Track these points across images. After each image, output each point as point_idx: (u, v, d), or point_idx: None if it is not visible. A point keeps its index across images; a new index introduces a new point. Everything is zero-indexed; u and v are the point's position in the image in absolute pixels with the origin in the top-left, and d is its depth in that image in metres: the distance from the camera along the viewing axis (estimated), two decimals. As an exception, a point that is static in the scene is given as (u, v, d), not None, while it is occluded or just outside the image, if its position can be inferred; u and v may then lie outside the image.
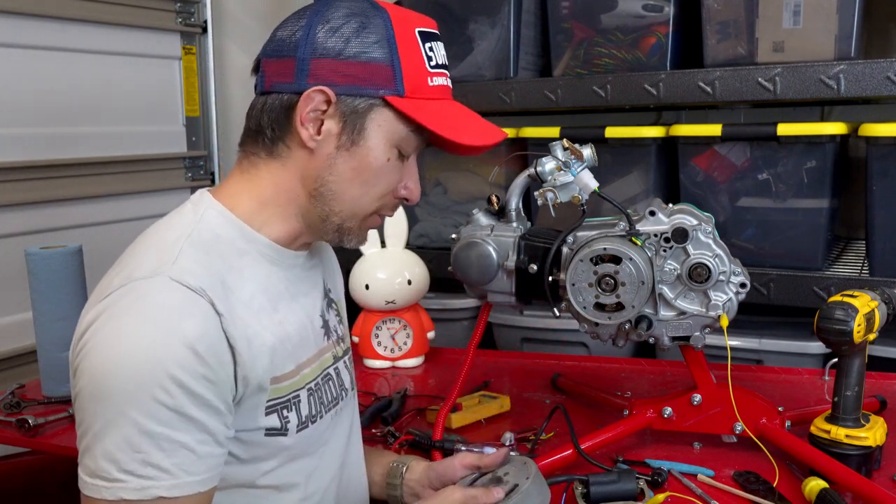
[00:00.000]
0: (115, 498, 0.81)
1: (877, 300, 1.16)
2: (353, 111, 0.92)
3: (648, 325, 1.17)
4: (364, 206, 0.98)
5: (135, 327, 0.82)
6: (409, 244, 1.85)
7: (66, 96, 2.15)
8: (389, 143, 0.95)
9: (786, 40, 1.70)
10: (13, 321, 2.01)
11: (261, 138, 0.96)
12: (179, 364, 0.81)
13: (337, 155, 0.93)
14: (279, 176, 0.96)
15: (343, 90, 0.91)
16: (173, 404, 0.81)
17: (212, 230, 0.93)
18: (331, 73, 0.91)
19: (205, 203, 0.96)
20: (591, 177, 1.18)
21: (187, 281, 0.85)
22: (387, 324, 1.77)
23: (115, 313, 0.84)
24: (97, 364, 0.82)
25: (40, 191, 2.08)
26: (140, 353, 0.81)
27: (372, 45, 0.91)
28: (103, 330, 0.83)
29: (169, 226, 0.94)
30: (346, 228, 0.98)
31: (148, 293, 0.84)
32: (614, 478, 1.10)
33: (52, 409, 1.48)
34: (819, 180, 1.69)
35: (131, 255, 0.91)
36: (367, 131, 0.93)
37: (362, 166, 0.94)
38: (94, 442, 0.81)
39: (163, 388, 0.81)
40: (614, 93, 1.84)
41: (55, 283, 1.52)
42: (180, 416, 0.82)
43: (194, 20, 2.50)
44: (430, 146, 1.01)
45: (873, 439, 1.13)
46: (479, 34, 1.99)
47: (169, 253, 0.88)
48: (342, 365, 1.10)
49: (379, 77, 0.92)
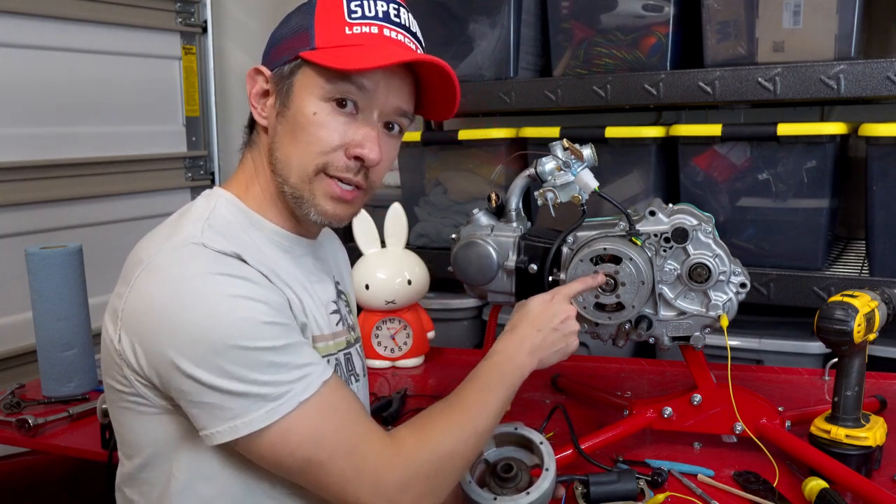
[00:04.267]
0: (294, 405, 0.86)
1: (877, 300, 1.16)
2: (282, 78, 0.97)
3: (648, 325, 1.17)
4: (305, 166, 0.96)
5: (187, 279, 0.86)
6: (409, 244, 1.85)
7: (67, 96, 2.15)
8: (314, 97, 0.95)
9: (786, 40, 1.70)
10: (13, 321, 2.01)
11: (247, 131, 1.05)
12: (248, 290, 0.87)
13: (277, 123, 0.98)
14: (257, 161, 1.02)
15: (276, 64, 0.98)
16: (273, 319, 0.87)
17: (224, 217, 0.96)
18: (276, 55, 0.99)
19: (216, 194, 1.01)
20: (592, 177, 1.18)
21: (223, 248, 0.90)
22: (387, 324, 1.77)
23: (167, 270, 0.87)
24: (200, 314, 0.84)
25: (40, 191, 2.08)
26: (212, 294, 0.85)
27: (296, 19, 0.98)
28: (155, 295, 0.86)
29: (182, 217, 0.97)
30: (299, 198, 0.97)
31: (189, 255, 0.88)
32: (614, 478, 1.10)
33: (52, 409, 1.48)
34: (819, 180, 1.69)
35: (145, 243, 0.94)
36: (293, 92, 0.96)
37: (295, 127, 0.96)
38: (233, 380, 0.84)
39: (255, 310, 0.86)
40: (614, 93, 1.83)
41: (55, 283, 1.51)
42: (283, 326, 0.88)
43: (194, 20, 2.50)
44: None
45: (873, 439, 1.13)
46: (479, 34, 1.99)
47: (192, 231, 0.91)
48: (354, 352, 1.12)
49: (298, 41, 0.96)
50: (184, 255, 0.88)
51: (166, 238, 0.92)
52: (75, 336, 1.53)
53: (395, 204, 1.80)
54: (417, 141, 2.03)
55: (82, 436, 1.40)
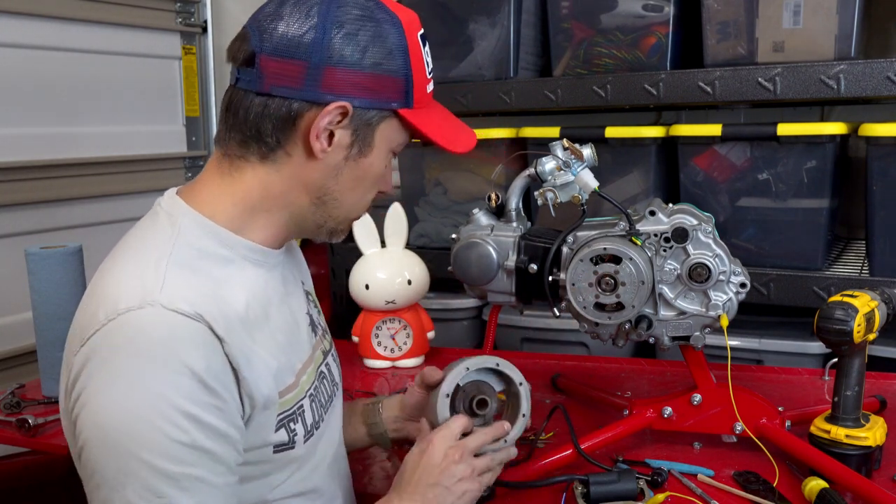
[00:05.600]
0: None
1: (877, 300, 1.16)
2: (366, 123, 0.91)
3: (648, 325, 1.17)
4: (358, 211, 0.99)
5: (135, 367, 0.78)
6: (409, 244, 1.85)
7: (67, 96, 2.15)
8: (389, 150, 0.96)
9: (786, 40, 1.70)
10: (13, 321, 2.01)
11: (255, 144, 0.90)
12: (188, 397, 0.78)
13: (344, 165, 0.92)
14: (270, 181, 0.91)
15: (359, 103, 0.89)
16: (188, 440, 0.78)
17: (192, 245, 0.88)
18: (346, 84, 0.88)
19: (179, 211, 0.90)
20: (592, 176, 1.18)
21: (181, 308, 0.80)
22: (387, 324, 1.77)
23: (109, 355, 0.79)
24: (101, 413, 0.78)
25: (40, 191, 2.08)
26: (146, 394, 0.77)
27: (387, 57, 0.89)
28: (100, 374, 0.79)
29: (145, 242, 0.88)
30: (338, 231, 0.99)
31: (142, 327, 0.79)
32: (614, 478, 1.10)
33: (52, 409, 1.48)
34: (819, 180, 1.69)
35: (109, 277, 0.85)
36: (374, 142, 0.93)
37: (364, 175, 0.94)
38: (112, 494, 0.78)
39: (175, 426, 0.77)
40: (614, 93, 1.83)
41: (55, 283, 1.51)
42: (196, 450, 0.79)
43: (194, 20, 2.50)
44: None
45: (873, 439, 1.13)
46: (479, 34, 1.99)
47: (154, 277, 0.82)
48: (331, 359, 1.11)
49: (391, 90, 0.90)
50: (139, 325, 0.79)
51: (125, 283, 0.82)
52: (75, 336, 1.53)
53: (395, 204, 1.80)
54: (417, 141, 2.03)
55: (82, 436, 1.39)
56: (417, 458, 0.98)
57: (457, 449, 0.98)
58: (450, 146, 0.98)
